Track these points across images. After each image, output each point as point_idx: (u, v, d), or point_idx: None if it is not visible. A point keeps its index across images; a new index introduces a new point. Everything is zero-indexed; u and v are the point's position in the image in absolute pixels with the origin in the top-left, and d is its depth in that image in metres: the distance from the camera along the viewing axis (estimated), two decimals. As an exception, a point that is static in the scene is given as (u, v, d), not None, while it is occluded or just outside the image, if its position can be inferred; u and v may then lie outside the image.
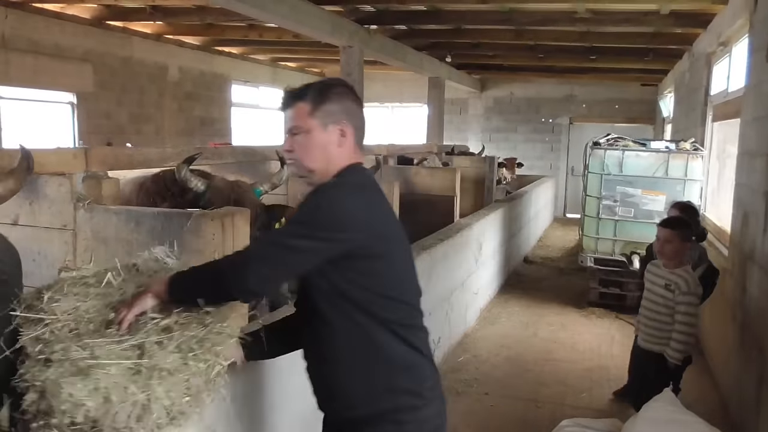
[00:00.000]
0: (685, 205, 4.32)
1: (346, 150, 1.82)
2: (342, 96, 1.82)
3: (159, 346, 1.58)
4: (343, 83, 1.88)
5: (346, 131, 1.80)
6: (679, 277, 3.40)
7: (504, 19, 7.94)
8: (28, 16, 7.89)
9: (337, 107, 1.80)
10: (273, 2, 6.39)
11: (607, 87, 13.75)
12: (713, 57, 6.87)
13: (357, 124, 1.84)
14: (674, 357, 3.37)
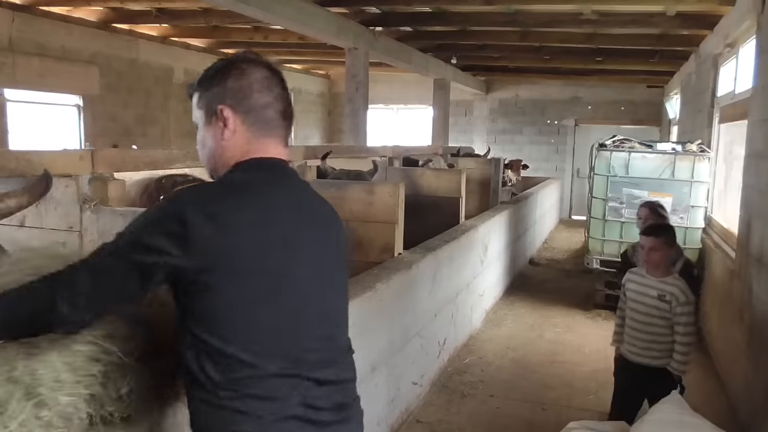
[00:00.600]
0: (656, 204, 4.27)
1: (236, 142, 1.47)
2: (228, 75, 1.47)
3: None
4: (236, 59, 1.51)
5: (228, 118, 1.46)
6: (673, 286, 3.25)
7: (509, 21, 7.93)
8: (35, 18, 7.93)
9: (219, 90, 1.47)
10: (278, 4, 6.40)
11: (613, 89, 13.71)
12: (720, 58, 6.84)
13: (251, 107, 1.46)
14: (680, 369, 3.24)
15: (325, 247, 1.52)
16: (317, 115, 15.38)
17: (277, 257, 1.38)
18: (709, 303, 5.66)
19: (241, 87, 1.46)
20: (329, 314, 1.50)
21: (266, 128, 1.49)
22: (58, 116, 8.74)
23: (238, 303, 1.32)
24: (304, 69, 14.52)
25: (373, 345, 3.30)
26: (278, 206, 1.43)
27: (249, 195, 1.39)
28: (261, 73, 1.48)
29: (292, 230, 1.43)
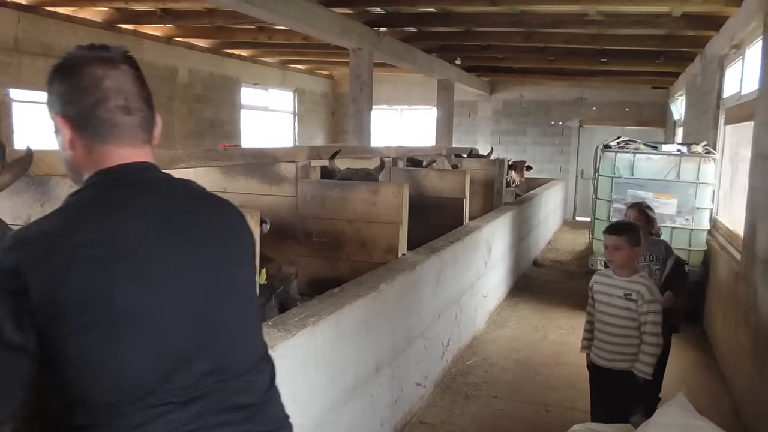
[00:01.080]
0: (643, 205, 4.23)
1: (78, 153, 1.28)
2: (54, 79, 1.28)
3: None
4: (64, 58, 1.30)
5: (61, 129, 1.27)
6: (639, 284, 3.15)
7: (514, 22, 7.91)
8: (41, 19, 7.96)
9: (51, 98, 1.29)
10: (282, 4, 6.40)
11: (617, 90, 13.68)
12: (726, 59, 6.81)
13: (79, 111, 1.25)
14: (645, 372, 3.11)
15: (202, 266, 1.30)
16: (321, 116, 15.39)
17: (127, 294, 1.17)
18: (714, 305, 5.64)
19: (68, 90, 1.27)
20: (207, 345, 1.27)
21: (103, 132, 1.26)
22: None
23: (89, 350, 1.15)
24: (308, 69, 14.54)
25: (376, 346, 3.30)
26: (125, 231, 1.20)
27: (88, 224, 1.19)
28: (88, 67, 1.26)
29: (146, 258, 1.21)
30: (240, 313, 1.38)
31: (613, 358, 3.20)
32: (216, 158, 3.63)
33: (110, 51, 1.30)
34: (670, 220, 6.17)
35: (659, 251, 4.02)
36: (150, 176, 1.32)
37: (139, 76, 1.33)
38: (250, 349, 1.38)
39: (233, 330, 1.34)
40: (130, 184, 1.28)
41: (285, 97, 14.03)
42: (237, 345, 1.35)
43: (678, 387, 3.78)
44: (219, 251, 1.35)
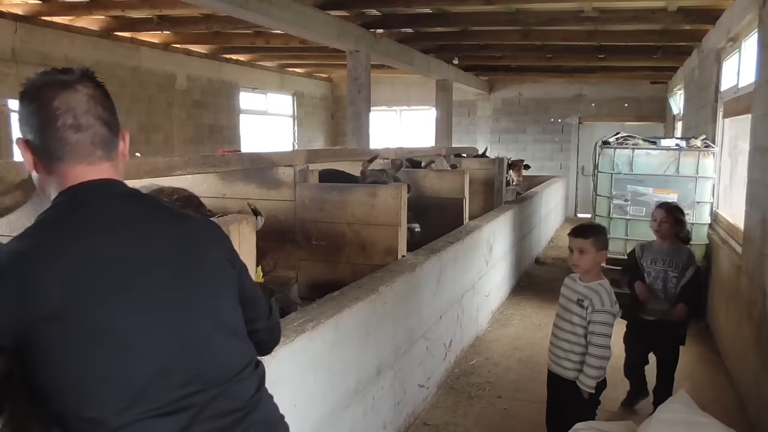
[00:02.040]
0: (672, 205, 4.06)
1: (40, 175, 1.33)
2: (19, 102, 1.33)
3: None
4: (24, 84, 1.34)
5: (22, 151, 1.33)
6: (593, 291, 3.00)
7: (510, 20, 7.92)
8: (38, 29, 7.98)
9: (19, 122, 1.33)
10: (278, 9, 6.40)
11: (616, 85, 13.67)
12: (723, 53, 6.80)
13: (32, 132, 1.30)
14: (587, 384, 2.97)
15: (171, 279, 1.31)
16: (320, 118, 15.40)
17: (95, 311, 1.18)
18: (717, 299, 5.63)
19: (24, 114, 1.31)
20: (182, 353, 1.28)
21: (56, 152, 1.29)
22: (62, 125, 8.78)
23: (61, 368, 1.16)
24: (306, 73, 14.55)
25: (377, 348, 3.29)
26: (89, 250, 1.22)
27: (53, 244, 1.21)
28: (41, 91, 1.30)
29: (112, 275, 1.22)
30: (217, 323, 1.37)
31: (562, 364, 3.11)
32: (213, 164, 3.62)
33: (66, 73, 1.32)
34: (671, 215, 6.15)
35: (680, 258, 3.87)
36: (109, 193, 1.32)
37: (94, 95, 1.33)
38: (231, 357, 1.38)
39: (211, 341, 1.34)
40: (89, 203, 1.28)
41: (284, 100, 14.04)
42: (216, 355, 1.34)
43: (681, 382, 3.77)
44: (189, 263, 1.35)
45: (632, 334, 4.04)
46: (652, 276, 3.92)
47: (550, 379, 3.29)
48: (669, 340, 3.90)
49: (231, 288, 1.44)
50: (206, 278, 1.37)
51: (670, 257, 3.87)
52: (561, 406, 3.20)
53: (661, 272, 3.88)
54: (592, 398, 3.05)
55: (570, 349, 3.07)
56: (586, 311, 3.00)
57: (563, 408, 3.17)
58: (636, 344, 4.02)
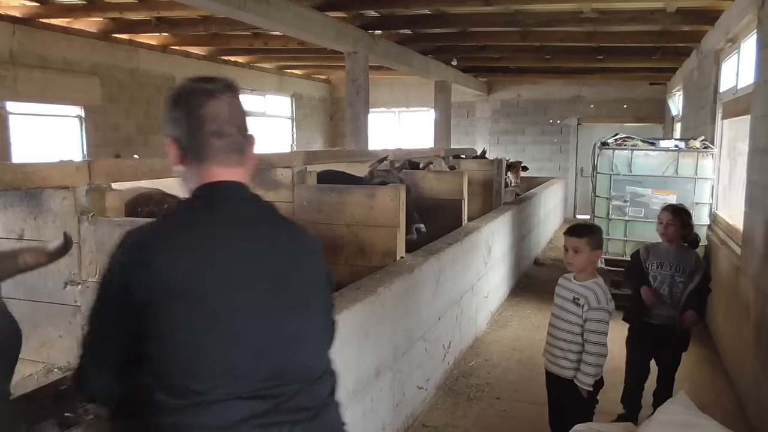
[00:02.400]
0: (679, 207, 3.97)
1: (183, 171, 1.52)
2: (167, 107, 1.52)
3: None
4: (174, 89, 1.53)
5: (169, 150, 1.51)
6: (588, 290, 3.03)
7: (509, 21, 7.91)
8: (36, 31, 7.97)
9: (165, 123, 1.53)
10: (276, 10, 6.40)
11: (615, 87, 13.67)
12: (721, 54, 6.80)
13: (182, 134, 1.48)
14: (585, 382, 2.99)
15: (275, 279, 1.46)
16: (319, 120, 15.39)
17: (206, 296, 1.37)
18: (716, 300, 5.61)
19: (173, 117, 1.49)
20: (272, 348, 1.43)
21: (200, 154, 1.47)
22: (61, 128, 8.77)
23: (172, 339, 1.35)
24: (305, 74, 14.54)
25: (376, 350, 3.28)
26: (208, 240, 1.41)
27: (180, 234, 1.41)
28: (192, 96, 1.48)
29: (225, 266, 1.40)
30: (308, 328, 1.53)
31: (559, 363, 3.12)
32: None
33: (213, 82, 1.51)
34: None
35: (687, 262, 3.75)
36: (237, 195, 1.50)
37: (233, 104, 1.52)
38: (313, 360, 1.53)
39: (299, 342, 1.49)
40: (220, 203, 1.47)
41: (282, 102, 14.03)
42: (301, 355, 1.49)
43: (681, 383, 3.76)
44: (293, 271, 1.51)
45: (635, 338, 3.92)
46: (658, 280, 3.79)
47: (548, 380, 3.29)
48: (673, 345, 3.80)
49: (323, 299, 1.62)
50: (305, 286, 1.53)
51: (678, 261, 3.75)
52: (560, 406, 3.20)
53: (668, 277, 3.75)
54: (590, 397, 3.06)
55: (567, 348, 3.08)
56: (582, 309, 3.03)
57: (562, 408, 3.17)
58: (639, 348, 3.90)
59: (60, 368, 2.71)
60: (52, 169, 2.54)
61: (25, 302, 2.76)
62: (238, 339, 1.39)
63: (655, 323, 3.76)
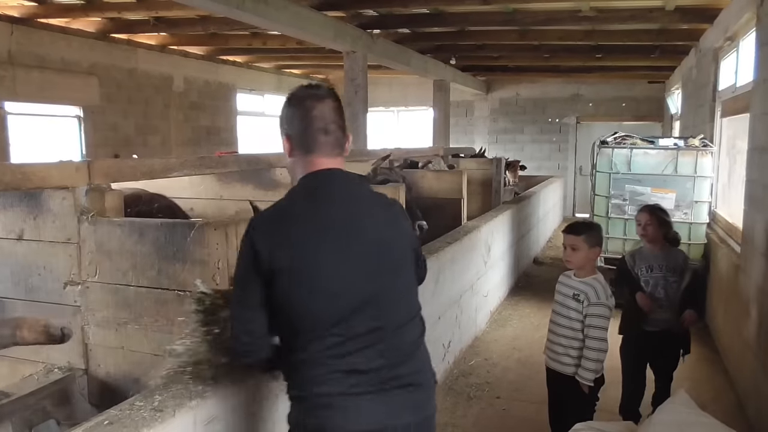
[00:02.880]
0: (656, 207, 3.90)
1: (294, 161, 1.88)
2: (283, 109, 1.90)
3: None
4: (289, 95, 1.89)
5: (284, 143, 1.89)
6: (588, 286, 3.05)
7: (508, 20, 7.91)
8: (34, 31, 7.95)
9: (280, 122, 1.92)
10: (274, 10, 6.39)
11: (613, 85, 13.67)
12: (720, 52, 6.80)
13: (295, 131, 1.85)
14: (586, 378, 3.00)
15: (369, 243, 1.80)
16: (318, 120, 15.35)
17: (317, 257, 1.73)
18: (716, 298, 5.62)
19: (288, 117, 1.86)
20: (372, 302, 1.77)
21: (309, 147, 1.82)
22: (59, 128, 8.76)
23: (293, 297, 1.73)
24: (303, 74, 14.53)
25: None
26: (321, 213, 1.78)
27: (296, 209, 1.79)
28: (304, 100, 1.83)
29: (335, 235, 1.76)
30: (399, 281, 1.87)
31: (560, 360, 3.13)
32: (210, 165, 3.61)
33: (319, 89, 1.87)
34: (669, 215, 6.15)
35: (676, 261, 3.69)
36: (339, 178, 1.85)
37: (336, 107, 1.86)
38: (404, 309, 1.88)
39: (392, 293, 1.83)
40: (326, 185, 1.82)
41: (281, 102, 13.94)
42: (394, 304, 1.84)
43: (680, 382, 3.76)
44: (388, 234, 1.86)
45: (632, 348, 3.78)
46: (651, 284, 3.67)
47: (549, 377, 3.29)
48: (675, 350, 3.71)
49: (412, 256, 1.95)
50: (398, 246, 1.89)
51: (666, 262, 3.68)
52: (561, 404, 3.20)
53: (661, 279, 3.67)
54: (591, 393, 3.07)
55: (568, 344, 3.09)
56: (582, 305, 3.05)
57: (562, 405, 3.18)
58: (636, 358, 3.76)
59: (60, 368, 2.71)
60: (52, 169, 2.54)
61: (26, 302, 2.76)
62: (342, 293, 1.74)
63: (652, 330, 3.64)
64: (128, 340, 2.61)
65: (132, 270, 2.56)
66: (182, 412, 1.82)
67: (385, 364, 1.77)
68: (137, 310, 2.58)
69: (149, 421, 1.73)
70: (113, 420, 1.74)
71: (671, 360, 3.75)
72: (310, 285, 1.72)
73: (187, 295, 2.46)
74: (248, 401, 2.13)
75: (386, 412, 1.76)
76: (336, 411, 1.73)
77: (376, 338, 1.76)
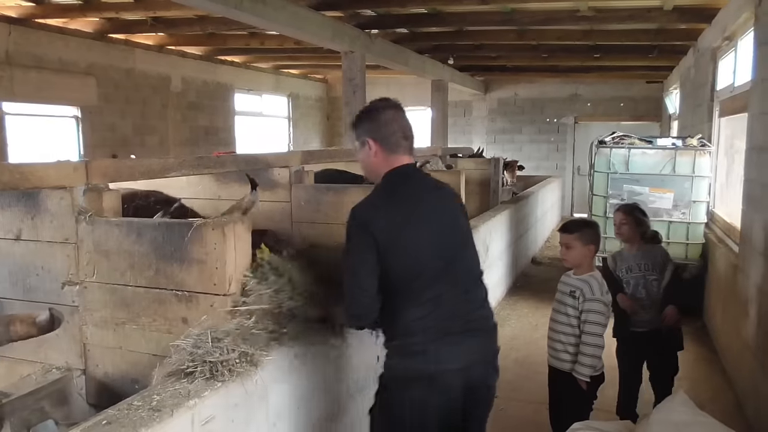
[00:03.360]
0: (631, 206, 3.90)
1: (380, 159, 2.34)
2: (366, 116, 2.38)
3: None
4: (373, 105, 2.39)
5: (372, 145, 2.32)
6: (584, 282, 3.08)
7: (506, 20, 7.91)
8: (32, 31, 7.94)
9: (365, 127, 2.37)
10: (272, 10, 6.39)
11: (611, 85, 13.68)
12: (718, 52, 6.81)
13: (383, 136, 2.30)
14: (583, 373, 3.02)
15: (443, 221, 2.31)
16: (316, 120, 15.38)
17: (406, 234, 2.20)
18: (714, 298, 5.62)
19: (372, 125, 2.32)
20: (447, 268, 2.25)
21: (393, 149, 2.30)
22: (57, 128, 8.74)
23: (389, 263, 2.17)
24: (301, 74, 14.53)
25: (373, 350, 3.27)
26: (407, 200, 2.26)
27: (387, 198, 2.26)
28: (385, 111, 2.32)
29: (417, 219, 2.24)
30: (467, 249, 2.40)
31: (559, 357, 3.15)
32: (208, 165, 3.60)
33: (393, 101, 2.38)
34: (667, 214, 6.16)
35: (654, 259, 3.69)
36: (416, 171, 2.44)
37: (405, 116, 2.39)
38: (471, 272, 2.40)
39: (463, 260, 2.35)
40: (407, 177, 2.33)
41: (279, 102, 14.01)
42: (464, 268, 2.36)
43: (679, 382, 3.76)
44: (451, 210, 2.39)
45: (624, 350, 3.78)
46: (632, 285, 3.69)
47: (550, 375, 3.31)
48: (666, 348, 3.70)
49: (469, 230, 2.46)
50: (459, 219, 2.42)
51: (644, 260, 3.68)
52: (560, 400, 3.21)
53: (641, 279, 3.66)
54: (588, 390, 3.08)
55: (567, 341, 3.12)
56: (578, 301, 3.07)
57: (563, 402, 3.19)
58: (629, 359, 3.76)
59: (58, 368, 2.70)
60: (50, 169, 2.53)
61: (24, 302, 2.76)
62: (424, 259, 2.22)
63: (641, 330, 3.65)
64: (126, 340, 2.60)
65: (130, 270, 2.56)
66: (180, 411, 1.81)
67: (460, 316, 2.26)
68: (135, 310, 2.57)
69: (147, 421, 1.73)
70: (111, 420, 1.73)
71: (667, 359, 3.73)
72: (404, 257, 2.18)
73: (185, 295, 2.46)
74: (246, 400, 2.12)
75: (463, 352, 2.25)
76: (426, 355, 2.19)
77: (453, 297, 2.24)
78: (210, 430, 1.93)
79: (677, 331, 3.71)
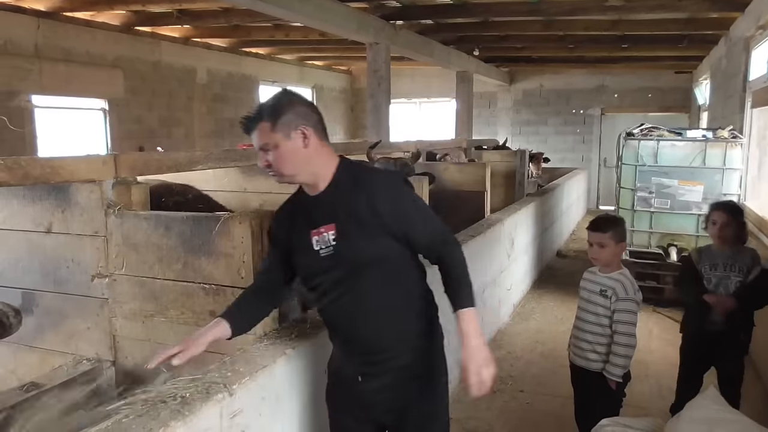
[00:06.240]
0: (732, 206, 3.62)
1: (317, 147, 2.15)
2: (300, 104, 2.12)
3: None
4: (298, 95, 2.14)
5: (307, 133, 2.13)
6: (615, 281, 3.02)
7: (532, 10, 7.81)
8: (60, 25, 8.04)
9: None
10: (298, 2, 6.39)
11: (639, 76, 13.46)
12: (751, 41, 6.65)
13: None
14: (615, 374, 2.97)
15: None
16: (340, 111, 15.38)
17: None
18: (744, 293, 5.51)
19: (308, 109, 2.07)
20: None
21: (326, 136, 2.10)
22: (85, 121, 8.86)
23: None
24: (325, 65, 14.53)
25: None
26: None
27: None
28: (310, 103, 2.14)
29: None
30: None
31: (587, 356, 3.10)
32: (234, 158, 3.63)
33: None
34: (697, 208, 6.05)
35: (743, 260, 3.47)
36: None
37: None
38: None
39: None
40: None
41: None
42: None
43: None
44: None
45: (691, 348, 3.65)
46: (713, 283, 3.49)
47: (574, 374, 3.26)
48: (732, 350, 3.51)
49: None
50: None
51: (732, 261, 3.48)
52: (587, 400, 3.18)
53: (724, 278, 3.47)
54: (618, 389, 3.04)
55: (595, 340, 3.06)
56: (610, 301, 3.01)
57: (589, 401, 3.15)
58: (695, 359, 3.63)
59: (88, 359, 2.75)
60: (80, 163, 2.56)
61: (54, 294, 2.80)
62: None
63: (712, 329, 3.48)
64: (155, 332, 2.64)
65: (158, 263, 2.59)
66: (209, 405, 1.83)
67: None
68: (163, 303, 2.60)
69: (176, 414, 1.74)
70: (140, 412, 1.75)
71: (732, 363, 3.56)
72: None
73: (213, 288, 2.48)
74: (273, 395, 2.13)
75: None
76: None
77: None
78: (238, 423, 1.95)
79: (745, 334, 3.53)
